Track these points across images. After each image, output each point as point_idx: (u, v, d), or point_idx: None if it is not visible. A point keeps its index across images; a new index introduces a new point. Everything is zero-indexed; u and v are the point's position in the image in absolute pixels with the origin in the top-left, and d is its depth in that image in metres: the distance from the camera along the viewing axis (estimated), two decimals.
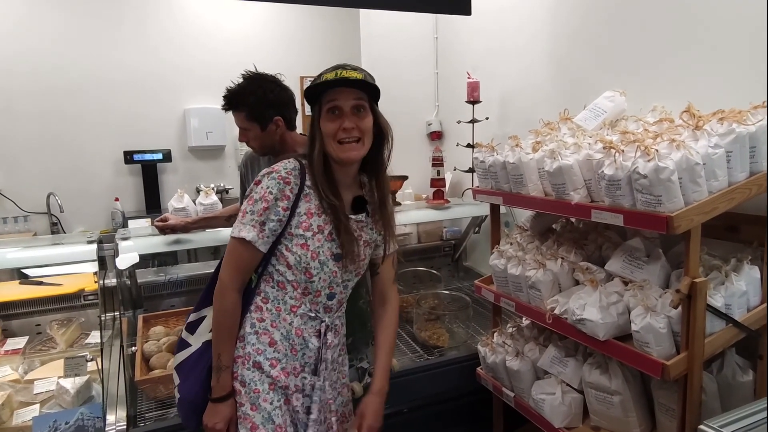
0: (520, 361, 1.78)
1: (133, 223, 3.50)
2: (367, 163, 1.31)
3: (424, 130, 3.29)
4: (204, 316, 1.36)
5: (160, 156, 3.86)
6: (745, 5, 1.50)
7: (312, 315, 1.30)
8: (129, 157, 3.80)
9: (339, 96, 1.22)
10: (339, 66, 1.24)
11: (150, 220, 3.41)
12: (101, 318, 2.06)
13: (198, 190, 3.78)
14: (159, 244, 2.06)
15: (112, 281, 2.09)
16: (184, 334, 1.40)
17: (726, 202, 1.30)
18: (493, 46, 2.70)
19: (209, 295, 1.31)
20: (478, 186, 1.98)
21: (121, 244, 1.98)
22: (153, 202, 3.88)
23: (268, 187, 1.22)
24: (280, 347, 1.28)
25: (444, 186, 2.67)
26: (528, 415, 1.77)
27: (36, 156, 3.62)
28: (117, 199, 3.78)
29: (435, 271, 2.75)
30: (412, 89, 3.21)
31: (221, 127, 4.01)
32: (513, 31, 2.53)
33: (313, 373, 1.31)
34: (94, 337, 2.16)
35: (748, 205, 1.41)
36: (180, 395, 1.35)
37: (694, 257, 1.27)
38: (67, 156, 3.70)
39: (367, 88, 1.23)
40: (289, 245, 1.25)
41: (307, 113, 4.36)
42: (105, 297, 2.08)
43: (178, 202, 2.19)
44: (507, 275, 1.78)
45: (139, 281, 2.33)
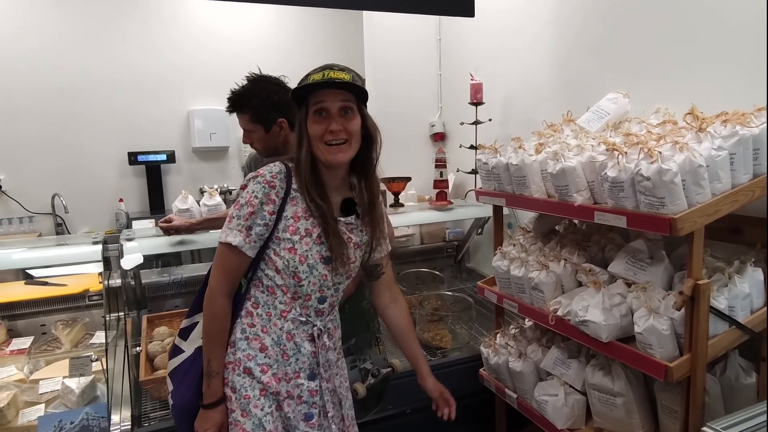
0: (522, 363, 1.78)
1: (137, 223, 3.51)
2: (356, 164, 1.30)
3: (427, 131, 3.29)
4: (196, 322, 1.35)
5: (164, 157, 3.88)
6: (749, 8, 1.50)
7: (303, 319, 1.28)
8: (133, 158, 3.81)
9: (326, 97, 1.20)
10: (326, 66, 1.22)
11: (154, 220, 3.42)
12: (106, 318, 2.07)
13: (201, 191, 3.80)
14: (163, 244, 2.07)
15: (116, 282, 2.10)
16: (177, 340, 1.39)
17: (729, 204, 1.30)
18: (496, 48, 2.70)
19: (201, 300, 1.30)
20: (481, 187, 1.99)
21: (126, 245, 1.99)
22: (157, 202, 3.90)
23: (254, 192, 1.21)
24: (270, 353, 1.26)
25: (447, 187, 2.68)
26: (531, 416, 1.77)
27: (41, 157, 3.64)
28: (121, 200, 3.80)
29: (438, 273, 2.75)
30: (415, 90, 3.21)
31: (225, 128, 4.03)
32: (516, 33, 2.54)
33: (310, 378, 1.29)
34: (99, 337, 2.17)
35: (752, 207, 1.41)
36: (173, 401, 1.34)
37: (698, 259, 1.27)
38: (72, 157, 3.72)
39: (354, 89, 1.22)
40: (276, 249, 1.24)
41: None
42: (109, 297, 2.10)
43: (183, 203, 2.20)
44: (510, 277, 1.79)
45: (143, 282, 2.34)
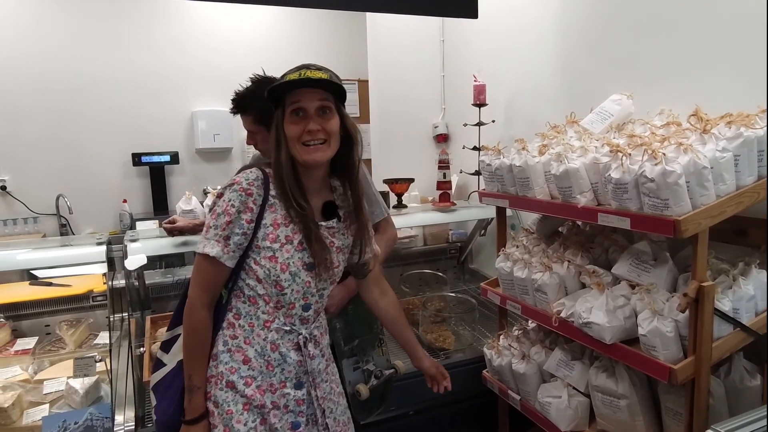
0: (526, 364, 1.78)
1: (140, 224, 3.52)
2: (336, 166, 1.28)
3: (431, 132, 3.29)
4: (178, 335, 1.30)
5: (167, 158, 3.89)
6: (753, 9, 1.50)
7: (287, 329, 1.25)
8: (137, 159, 3.83)
9: (303, 97, 1.17)
10: (303, 66, 1.19)
11: (158, 221, 3.43)
12: (110, 319, 2.07)
13: (205, 192, 3.80)
14: (167, 245, 2.07)
15: (120, 282, 2.11)
16: (159, 353, 1.35)
17: (734, 205, 1.30)
18: (499, 49, 2.70)
19: (182, 312, 1.26)
20: (484, 189, 1.98)
21: (130, 246, 1.99)
22: (160, 203, 3.91)
23: (230, 200, 1.18)
24: (254, 364, 1.23)
25: (450, 188, 2.68)
26: (534, 418, 1.77)
27: (45, 158, 3.66)
28: (125, 200, 3.81)
29: (441, 274, 2.75)
30: (418, 92, 3.21)
31: (228, 129, 4.04)
32: (519, 34, 2.54)
33: (297, 387, 1.27)
34: (103, 337, 2.18)
35: (756, 208, 1.40)
36: (156, 417, 1.31)
37: (702, 261, 1.27)
38: (76, 158, 3.74)
39: (331, 87, 1.19)
40: (256, 258, 1.21)
41: None
42: (113, 298, 2.10)
43: (186, 204, 2.21)
44: (513, 278, 1.78)
45: (147, 282, 2.35)
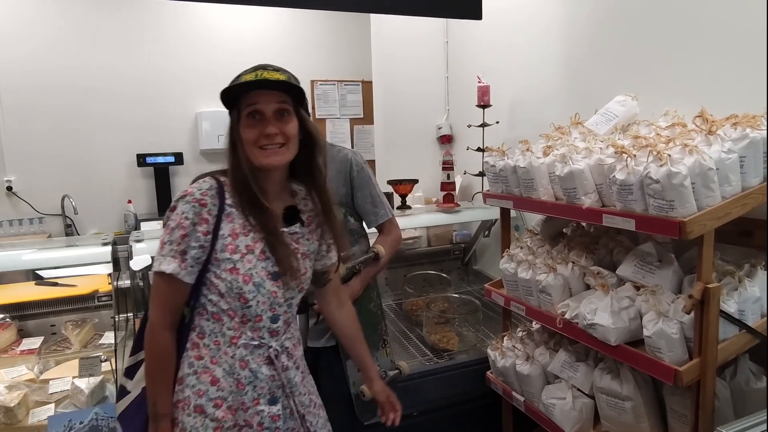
0: (530, 366, 1.77)
1: (145, 225, 3.54)
2: (298, 170, 1.23)
3: (434, 133, 3.29)
4: (142, 359, 1.22)
5: (172, 159, 3.91)
6: (759, 10, 1.49)
7: (256, 343, 1.18)
8: (142, 159, 3.85)
9: (259, 99, 1.12)
10: (259, 67, 1.14)
11: (162, 222, 3.44)
12: (115, 319, 2.08)
13: None
14: None
15: (125, 283, 2.12)
16: (122, 379, 1.27)
17: (739, 207, 1.30)
18: (503, 50, 2.70)
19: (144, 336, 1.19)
20: (488, 190, 1.98)
21: (135, 246, 2.00)
22: (165, 204, 3.92)
23: (183, 213, 1.12)
24: (223, 384, 1.16)
25: (454, 190, 2.68)
26: (538, 419, 1.76)
27: (50, 159, 3.68)
28: (130, 201, 3.83)
29: (445, 275, 2.75)
30: (422, 93, 3.21)
31: None
32: (523, 35, 2.54)
33: (271, 402, 1.20)
34: (108, 337, 2.19)
35: (762, 210, 1.40)
36: None
37: (707, 262, 1.26)
38: (81, 159, 3.76)
39: (290, 89, 1.14)
40: (216, 272, 1.14)
41: (318, 116, 4.41)
42: (118, 298, 2.11)
43: None
44: (517, 279, 1.78)
45: (151, 283, 2.35)
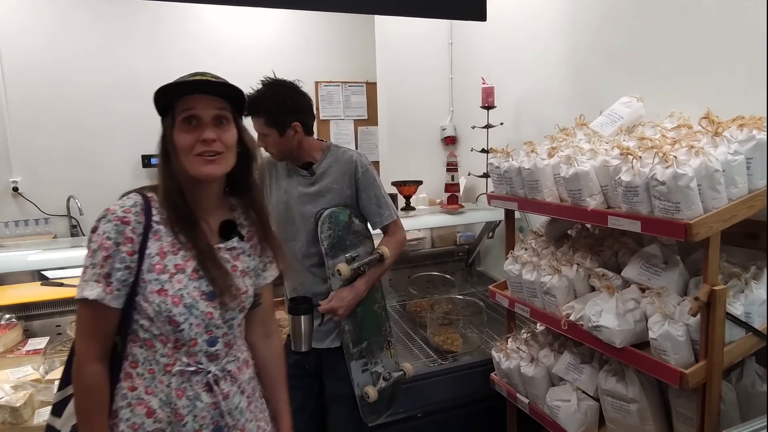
0: (534, 368, 1.77)
1: None
2: (233, 184, 1.17)
3: (438, 135, 3.29)
4: (71, 394, 1.12)
5: None
6: (765, 11, 1.49)
7: (193, 369, 1.09)
8: (147, 160, 3.85)
9: (197, 104, 1.05)
10: (198, 73, 1.08)
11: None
12: None
13: None
14: None
15: None
16: (49, 418, 1.17)
17: (746, 209, 1.29)
18: (507, 52, 2.70)
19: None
20: (492, 191, 1.98)
21: None
22: None
23: (105, 233, 1.03)
24: (160, 416, 1.07)
25: (458, 191, 2.68)
26: (543, 422, 1.76)
27: (56, 160, 3.70)
28: None
29: (449, 276, 2.75)
30: (426, 94, 3.22)
31: None
32: (528, 36, 2.53)
33: None
34: None
35: None
36: None
37: (713, 265, 1.26)
38: (87, 159, 3.77)
39: (231, 96, 1.08)
40: (144, 294, 1.05)
41: (322, 118, 4.42)
42: None
43: None
44: (522, 281, 1.78)
45: None
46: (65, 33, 3.65)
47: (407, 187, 2.71)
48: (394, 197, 2.65)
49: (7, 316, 2.19)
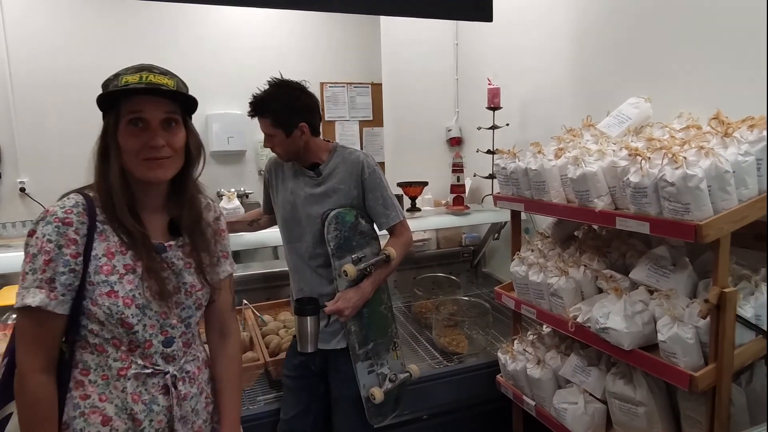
0: (541, 370, 1.76)
1: None
2: (175, 181, 1.13)
3: (444, 136, 3.29)
4: (11, 413, 1.06)
5: None
6: (765, 11, 1.48)
7: (149, 371, 1.07)
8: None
9: (145, 106, 1.02)
10: (143, 68, 1.05)
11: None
12: None
13: (219, 194, 3.83)
14: None
15: None
16: None
17: (756, 210, 1.28)
18: (513, 52, 2.69)
19: (10, 384, 1.02)
20: (498, 192, 1.98)
21: None
22: None
23: (45, 235, 0.99)
24: (117, 423, 1.04)
25: (464, 192, 2.66)
26: (549, 424, 1.75)
27: (63, 160, 3.71)
28: None
29: (454, 277, 2.74)
30: (431, 95, 3.21)
31: (242, 132, 4.07)
32: (534, 37, 2.53)
33: None
34: None
35: None
36: None
37: (723, 267, 1.25)
38: None
39: (182, 98, 1.06)
40: (93, 298, 1.01)
41: (327, 119, 4.42)
42: None
43: None
44: (528, 282, 1.77)
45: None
46: (73, 36, 3.67)
47: (413, 188, 2.71)
48: (399, 198, 2.64)
49: (14, 316, 2.20)
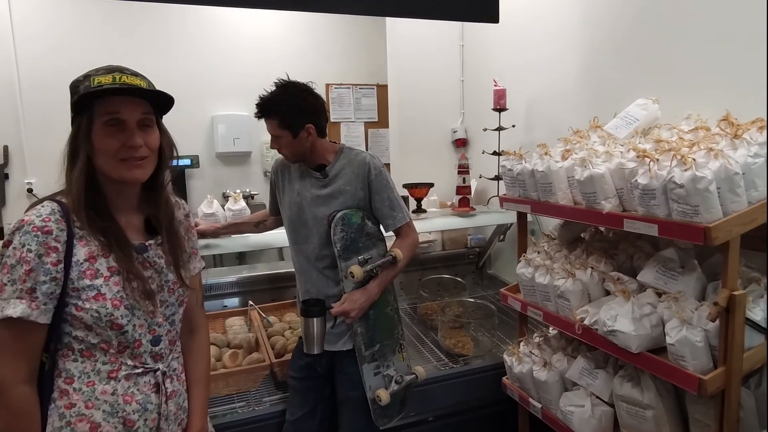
0: (547, 372, 1.75)
1: None
2: (149, 181, 1.14)
3: (449, 137, 3.28)
4: None
5: (188, 162, 3.94)
6: (765, 11, 1.47)
7: (140, 370, 1.08)
8: (165, 162, 3.88)
9: (122, 107, 1.03)
10: (114, 69, 1.05)
11: None
12: None
13: (225, 195, 3.84)
14: None
15: None
16: None
17: (766, 212, 1.27)
18: (520, 53, 2.68)
19: None
20: (505, 194, 1.97)
21: None
22: None
23: (25, 245, 0.97)
24: (106, 428, 1.04)
25: (469, 193, 2.66)
26: (556, 427, 1.74)
27: None
28: None
29: (460, 279, 2.74)
30: (437, 96, 3.21)
31: (248, 133, 4.08)
32: (541, 38, 2.52)
33: None
34: None
35: None
36: None
37: (733, 269, 1.24)
38: None
39: (157, 98, 1.08)
40: (78, 304, 1.01)
41: (333, 120, 4.43)
42: None
43: (208, 207, 2.23)
44: (535, 284, 1.76)
45: None
46: (81, 38, 3.69)
47: (418, 189, 2.70)
48: (405, 200, 2.64)
49: None
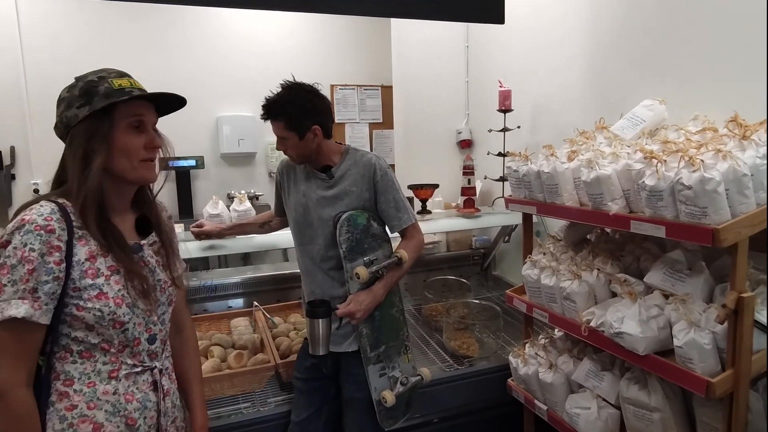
0: (553, 374, 1.75)
1: None
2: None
3: (454, 138, 3.28)
4: None
5: (193, 163, 3.95)
6: (765, 11, 1.46)
7: (139, 369, 1.10)
8: (163, 163, 3.89)
9: (144, 111, 1.11)
10: (124, 74, 1.13)
11: (183, 225, 3.48)
12: None
13: (230, 196, 3.85)
14: (194, 249, 2.09)
15: None
16: None
17: None
18: (525, 54, 2.68)
19: None
20: (510, 195, 1.97)
21: None
22: (186, 207, 3.96)
23: (26, 244, 0.96)
24: (109, 428, 1.05)
25: (474, 195, 2.66)
26: (561, 429, 1.73)
27: None
28: None
29: (464, 280, 2.73)
30: (442, 97, 3.21)
31: (253, 134, 4.09)
32: (546, 39, 2.51)
33: None
34: None
35: None
36: None
37: (741, 271, 1.23)
38: None
39: (179, 103, 1.18)
40: (79, 303, 1.01)
41: (337, 121, 4.43)
42: None
43: (213, 208, 2.23)
44: (540, 286, 1.76)
45: None
46: (86, 41, 3.70)
47: (423, 190, 2.70)
48: (409, 201, 2.64)
49: None
